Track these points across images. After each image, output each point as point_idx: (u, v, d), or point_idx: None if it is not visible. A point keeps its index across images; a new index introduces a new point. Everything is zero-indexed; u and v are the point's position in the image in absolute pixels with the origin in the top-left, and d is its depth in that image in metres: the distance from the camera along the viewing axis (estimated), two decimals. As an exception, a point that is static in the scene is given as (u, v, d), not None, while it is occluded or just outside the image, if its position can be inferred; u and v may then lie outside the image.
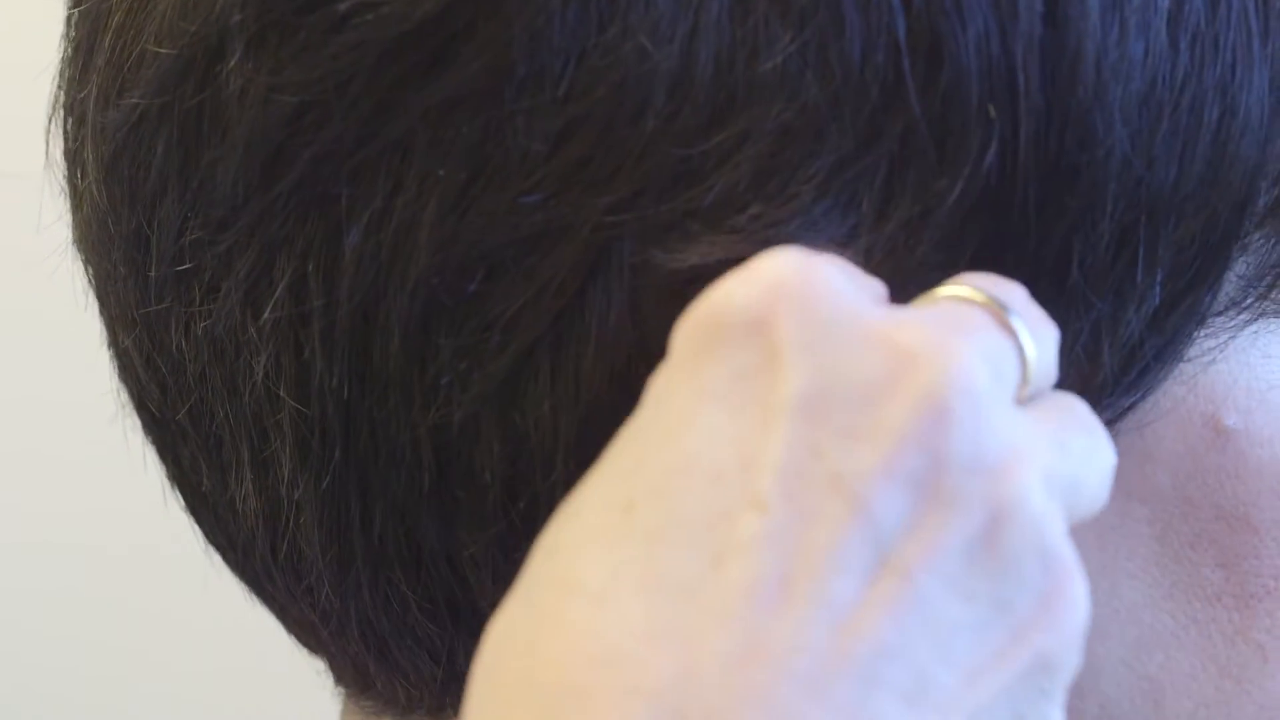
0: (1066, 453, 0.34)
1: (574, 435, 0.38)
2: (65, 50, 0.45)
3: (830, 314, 0.33)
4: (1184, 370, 0.39)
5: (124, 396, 0.45)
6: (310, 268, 0.38)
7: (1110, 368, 0.38)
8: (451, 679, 0.42)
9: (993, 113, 0.36)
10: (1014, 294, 0.35)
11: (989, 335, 0.34)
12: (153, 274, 0.41)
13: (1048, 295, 0.37)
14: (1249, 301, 0.39)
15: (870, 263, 0.37)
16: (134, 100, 0.40)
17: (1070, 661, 0.34)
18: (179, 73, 0.39)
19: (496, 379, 0.38)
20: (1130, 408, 0.39)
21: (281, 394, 0.40)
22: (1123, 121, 0.36)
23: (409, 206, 0.37)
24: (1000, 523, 0.32)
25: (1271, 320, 0.40)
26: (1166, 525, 0.40)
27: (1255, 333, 0.40)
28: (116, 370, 0.45)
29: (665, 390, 0.33)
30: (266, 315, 0.39)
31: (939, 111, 0.36)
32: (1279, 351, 0.40)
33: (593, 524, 0.32)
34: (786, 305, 0.32)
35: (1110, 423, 0.38)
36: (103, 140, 0.41)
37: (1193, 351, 0.39)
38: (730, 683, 0.30)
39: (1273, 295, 0.40)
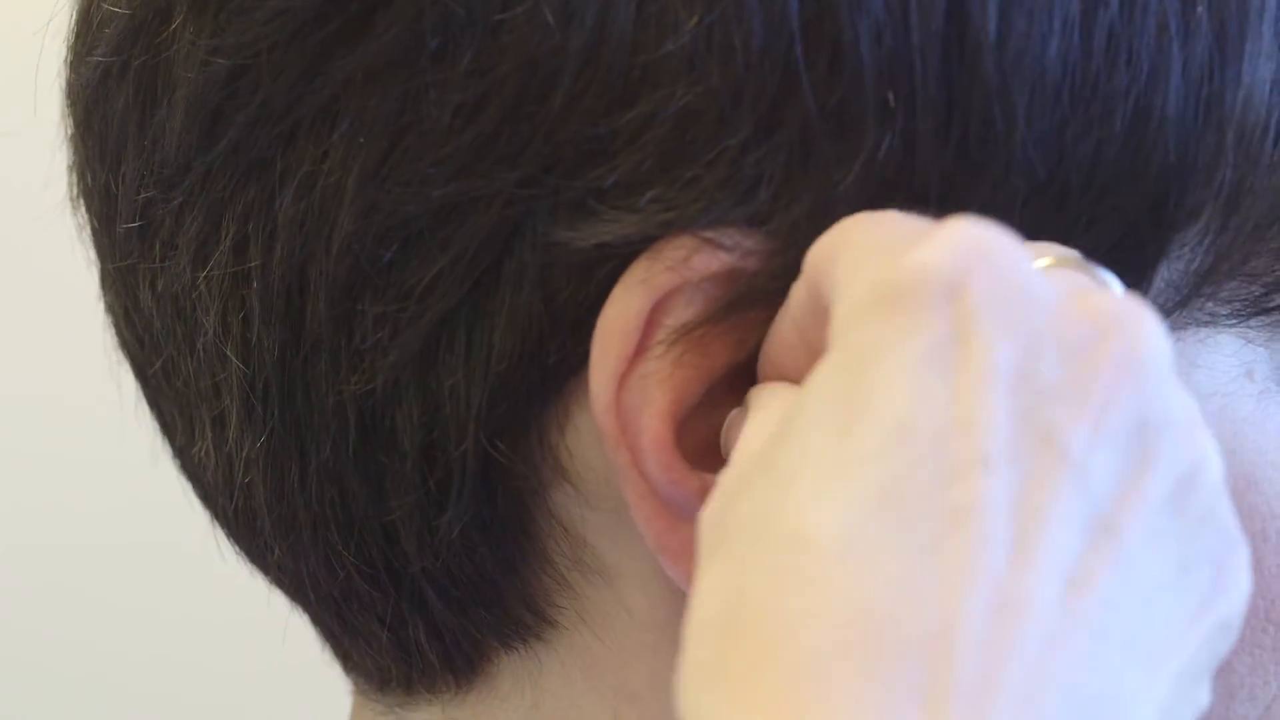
0: None
1: (483, 405, 0.38)
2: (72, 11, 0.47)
3: (1022, 280, 0.33)
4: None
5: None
6: (250, 228, 0.39)
7: None
8: (406, 647, 0.43)
9: (891, 104, 0.36)
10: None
11: None
12: (120, 230, 0.43)
13: None
14: (1174, 309, 0.39)
15: (773, 251, 0.37)
16: (97, 58, 0.42)
17: (1238, 627, 0.34)
18: (132, 32, 0.41)
19: (414, 347, 0.39)
20: None
21: (228, 352, 0.41)
22: (1028, 117, 0.36)
23: (334, 173, 0.38)
24: (1190, 482, 0.33)
25: (1202, 328, 0.39)
26: None
27: (1181, 342, 0.39)
28: (110, 326, 0.46)
29: (860, 352, 0.33)
30: (212, 273, 0.40)
31: (837, 102, 0.36)
32: (1205, 362, 0.39)
33: (814, 489, 0.32)
34: (981, 272, 0.32)
35: None
36: (77, 97, 0.43)
37: None
38: (992, 636, 0.30)
39: (1202, 304, 0.39)
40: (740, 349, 0.38)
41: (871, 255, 0.33)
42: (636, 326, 0.37)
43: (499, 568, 0.41)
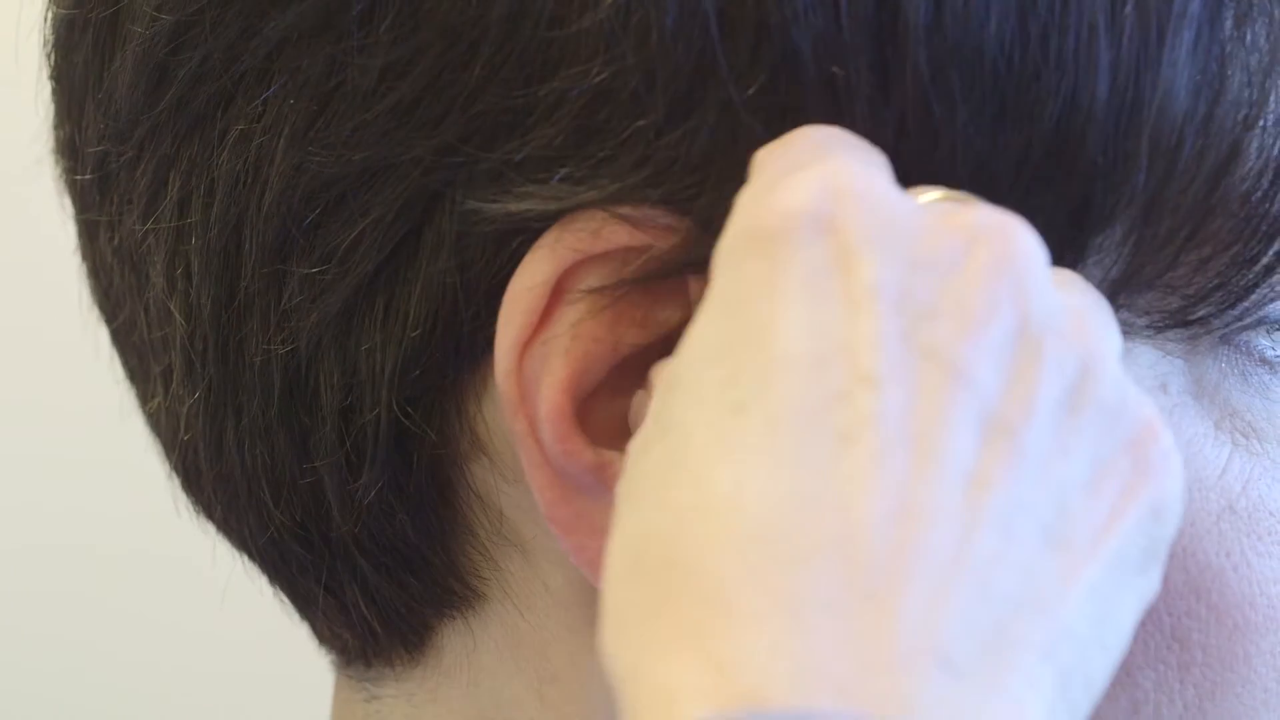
0: None
1: (396, 371, 0.39)
2: None
3: (891, 207, 0.33)
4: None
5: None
6: (193, 184, 0.40)
7: None
8: (344, 614, 0.43)
9: (819, 95, 0.36)
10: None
11: None
12: (81, 181, 0.44)
13: None
14: None
15: (692, 231, 0.37)
16: (63, 11, 0.43)
17: (1176, 510, 0.34)
18: None
19: (334, 309, 0.39)
20: None
21: (171, 307, 0.41)
22: (963, 106, 0.36)
23: (267, 133, 0.39)
24: (1087, 376, 0.33)
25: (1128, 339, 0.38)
26: None
27: None
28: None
29: (736, 294, 0.33)
30: (159, 228, 0.41)
31: (762, 87, 0.36)
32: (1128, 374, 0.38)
33: (707, 432, 0.32)
34: (851, 203, 0.33)
35: None
36: (48, 53, 0.44)
37: None
38: (896, 542, 0.31)
39: (1118, 313, 0.37)
40: (653, 330, 0.38)
41: (744, 199, 0.34)
42: (541, 294, 0.37)
43: (421, 536, 0.41)
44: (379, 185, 0.38)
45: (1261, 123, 0.37)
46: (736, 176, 0.35)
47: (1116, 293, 0.38)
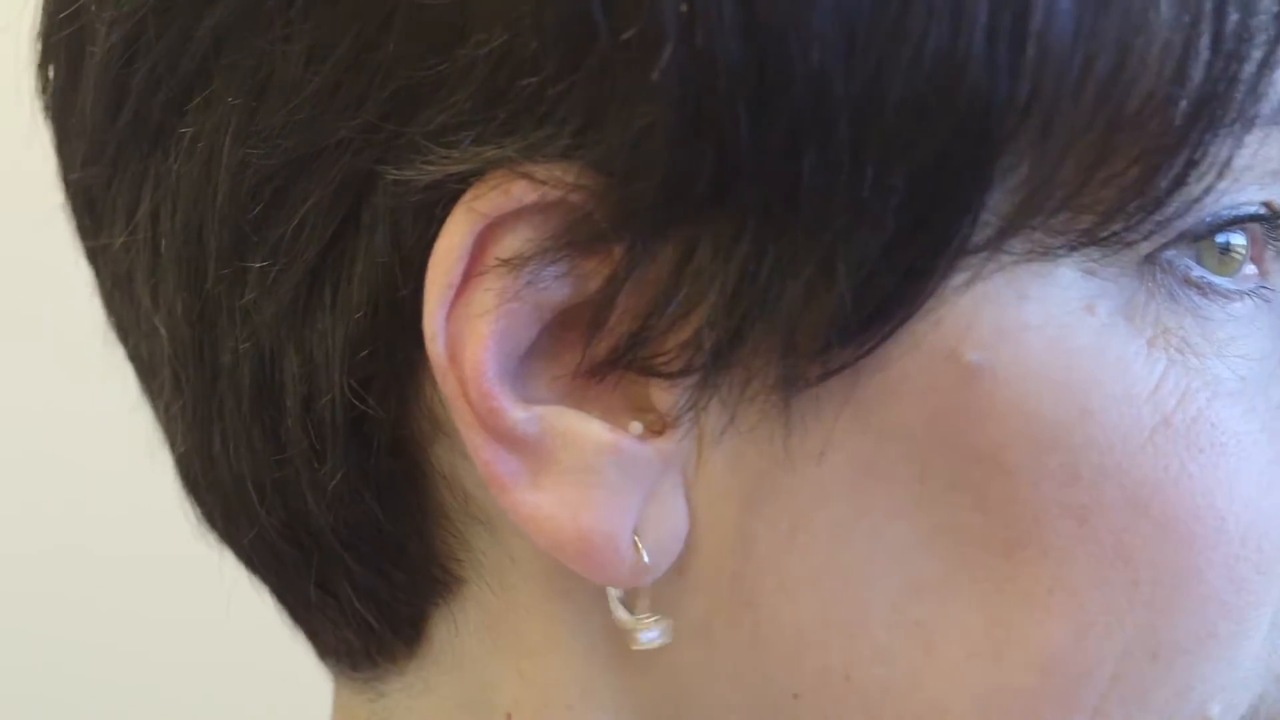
0: None
1: (343, 354, 0.39)
2: None
3: None
4: (927, 307, 0.37)
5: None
6: (159, 196, 0.41)
7: (849, 296, 0.36)
8: (343, 613, 0.43)
9: (678, 34, 0.35)
10: None
11: None
12: (74, 211, 0.45)
13: (786, 216, 0.36)
14: (999, 240, 0.37)
15: (600, 186, 0.37)
16: (39, 41, 0.44)
17: None
18: (55, 11, 0.43)
19: (286, 300, 0.39)
20: (875, 342, 0.37)
21: (156, 322, 0.42)
22: (823, 41, 0.35)
23: (214, 133, 0.39)
24: None
25: (1036, 261, 0.37)
26: (924, 466, 0.38)
27: (1011, 274, 0.37)
28: None
29: None
30: (137, 245, 0.42)
31: (632, 36, 0.35)
32: (1042, 293, 0.37)
33: None
34: None
35: (856, 358, 0.37)
36: (39, 89, 0.45)
37: (937, 287, 0.37)
38: None
39: (1031, 235, 0.37)
40: (578, 289, 0.38)
41: None
42: (461, 255, 0.37)
43: (394, 523, 0.42)
44: (312, 171, 0.38)
45: (1150, 27, 0.36)
46: (627, 122, 0.36)
47: (1029, 213, 0.37)
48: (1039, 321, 0.38)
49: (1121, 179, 0.37)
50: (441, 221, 0.38)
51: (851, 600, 0.39)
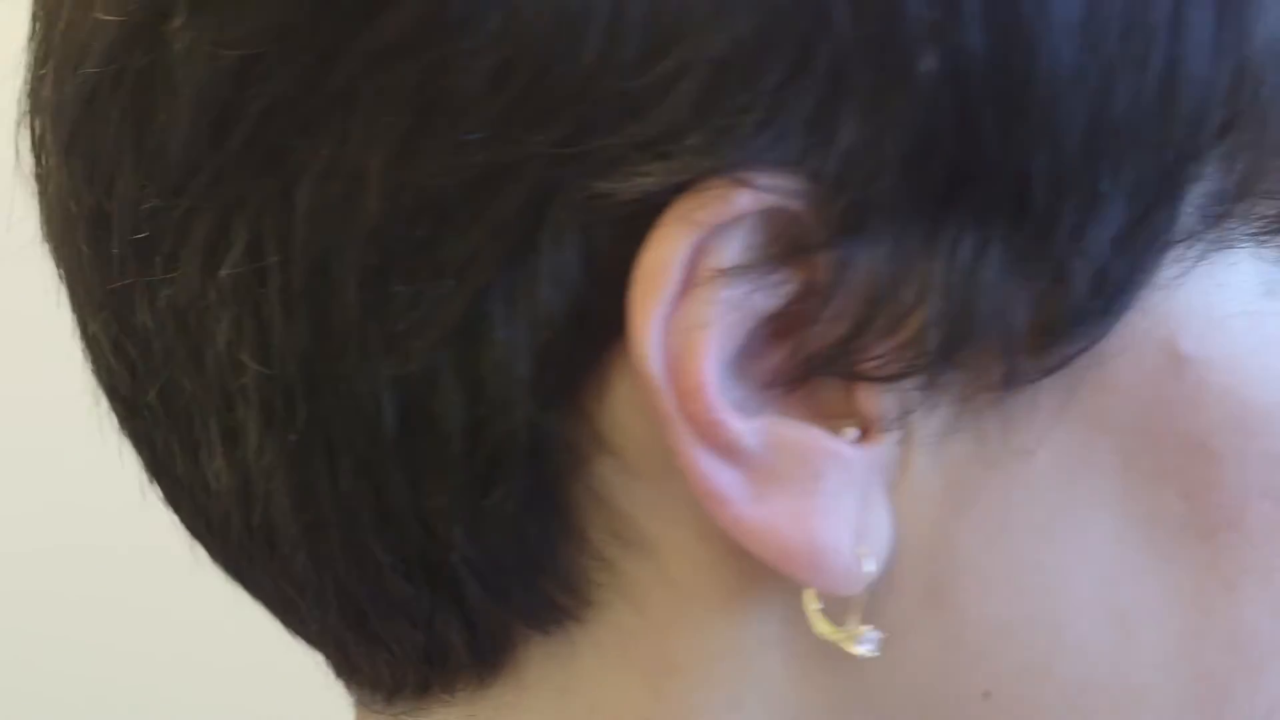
0: None
1: (530, 377, 0.38)
2: (30, 40, 0.45)
3: None
4: (1143, 299, 0.39)
5: (99, 392, 0.45)
6: (265, 225, 0.38)
7: (1080, 291, 0.37)
8: (434, 646, 0.42)
9: (934, 30, 0.36)
10: None
11: None
12: (115, 250, 0.41)
13: (1014, 215, 0.37)
14: (1204, 230, 0.39)
15: (820, 195, 0.36)
16: (87, 71, 0.40)
17: None
18: (127, 38, 0.39)
19: (451, 324, 0.38)
20: (1099, 337, 0.38)
21: (244, 358, 0.39)
22: (1071, 36, 0.36)
23: (357, 156, 0.37)
24: None
25: (1226, 250, 0.39)
26: (1129, 457, 0.39)
27: (1210, 262, 0.39)
28: (89, 363, 0.45)
29: None
30: (224, 277, 0.39)
31: (876, 32, 0.36)
32: (1234, 281, 0.40)
33: None
34: None
35: (1079, 353, 0.38)
36: (60, 119, 0.42)
37: (1154, 279, 0.39)
38: None
39: (1225, 224, 0.39)
40: (789, 294, 0.38)
41: None
42: (678, 267, 0.37)
43: (541, 547, 0.40)
44: (493, 189, 0.37)
45: None
46: (860, 126, 0.36)
47: (1227, 201, 0.39)
48: (1237, 309, 0.40)
49: None
50: (642, 235, 0.37)
51: (1054, 594, 0.40)
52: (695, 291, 0.37)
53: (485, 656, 0.42)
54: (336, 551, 0.41)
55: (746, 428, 0.38)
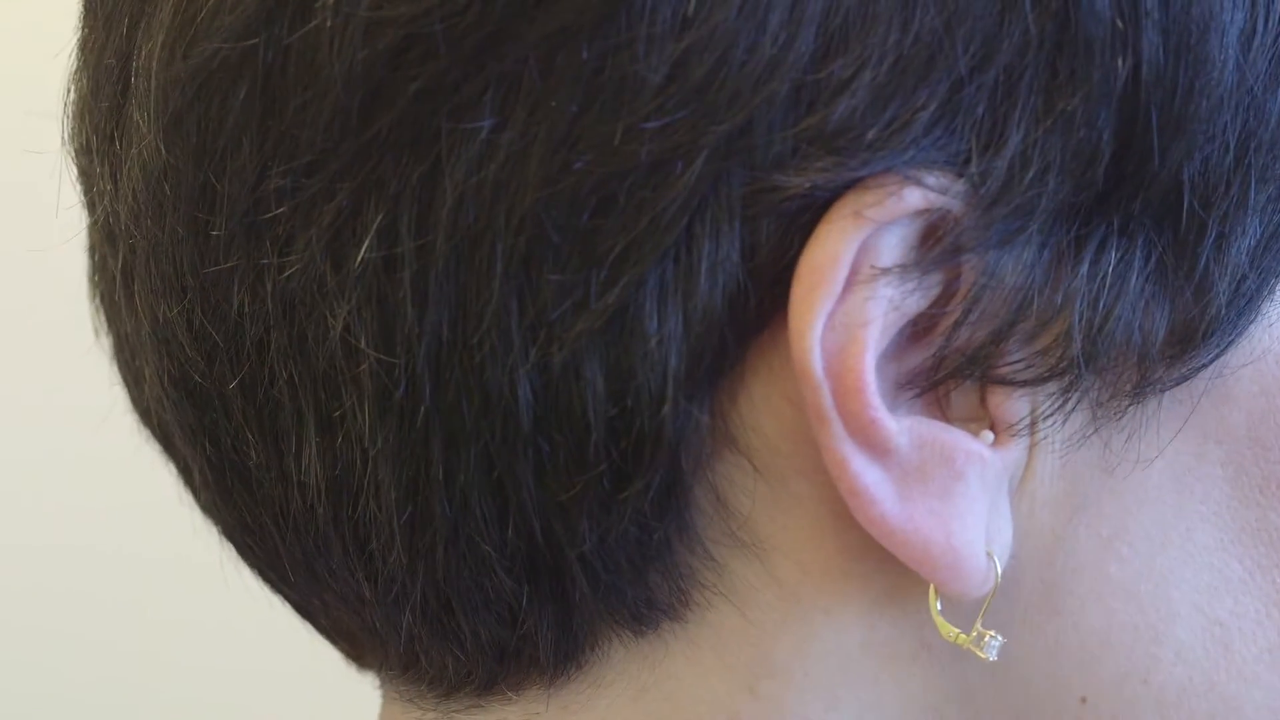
0: None
1: (682, 370, 0.37)
2: (82, 30, 0.44)
3: None
4: (1265, 311, 0.40)
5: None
6: (403, 209, 0.37)
7: (1220, 302, 0.38)
8: (518, 641, 0.42)
9: (1118, 35, 0.36)
10: None
11: None
12: (218, 232, 0.40)
13: (1162, 224, 0.38)
14: None
15: (981, 198, 0.37)
16: (213, 47, 0.39)
17: None
18: (268, 13, 0.38)
19: (603, 315, 0.37)
20: (1229, 347, 0.40)
21: (363, 345, 0.38)
22: (1235, 49, 0.37)
23: (517, 140, 0.37)
24: None
25: None
26: (1239, 468, 0.41)
27: None
28: (153, 355, 0.43)
29: None
30: (353, 263, 0.38)
31: (1058, 34, 0.36)
32: None
33: None
34: None
35: (1210, 362, 0.39)
36: (166, 97, 0.40)
37: (1276, 293, 0.40)
38: None
39: None
40: (937, 294, 0.38)
41: None
42: (845, 263, 0.37)
43: (661, 546, 0.40)
44: (660, 178, 0.37)
45: None
46: (1033, 130, 0.36)
47: None
48: None
49: None
50: (807, 229, 0.37)
51: (1159, 603, 0.41)
52: (858, 288, 0.37)
53: (568, 655, 0.42)
54: (439, 544, 0.40)
55: (899, 427, 0.38)
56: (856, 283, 0.37)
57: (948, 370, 0.38)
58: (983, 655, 0.40)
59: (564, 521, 0.39)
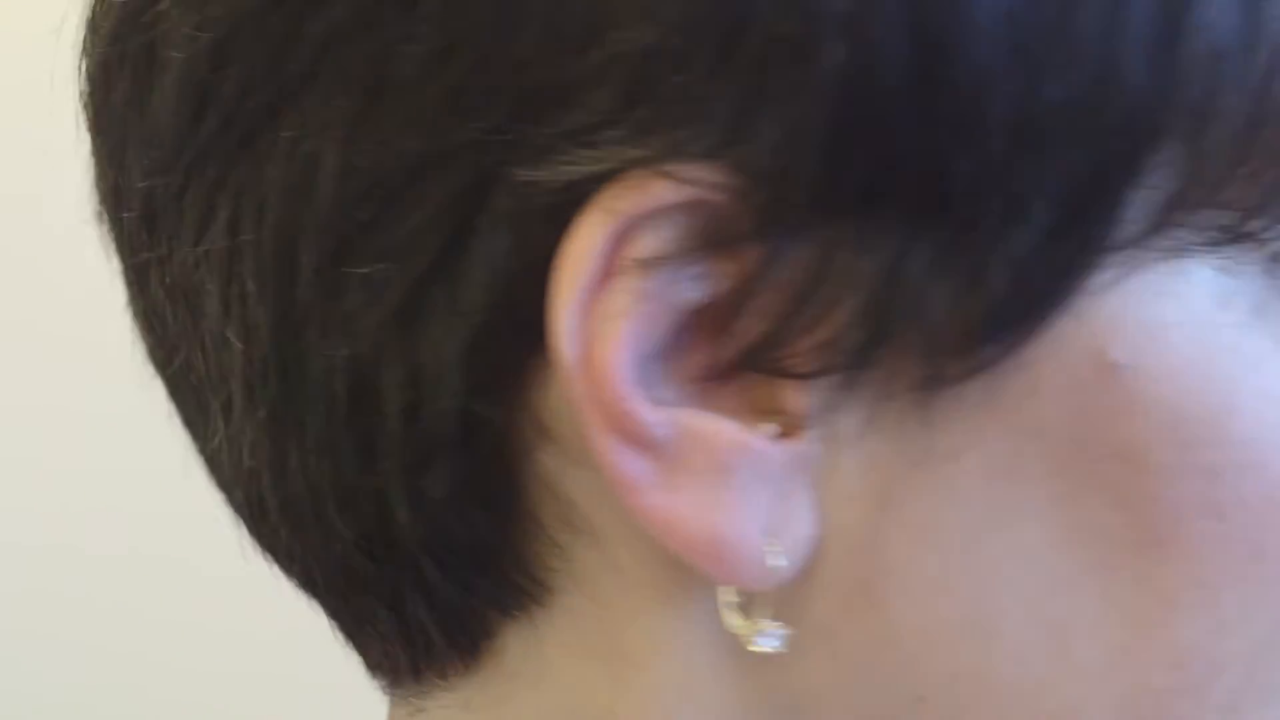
0: None
1: (461, 361, 0.38)
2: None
3: None
4: (1072, 305, 0.38)
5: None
6: (242, 204, 0.40)
7: (997, 293, 0.37)
8: (409, 628, 0.43)
9: (844, 24, 0.35)
10: None
11: None
12: (129, 228, 0.43)
13: (935, 214, 0.36)
14: (1147, 238, 0.38)
15: (742, 188, 0.36)
16: (100, 52, 0.42)
17: None
18: (128, 18, 0.41)
19: (394, 306, 0.38)
20: (1021, 341, 0.38)
21: (229, 334, 0.41)
22: (987, 39, 0.35)
23: (315, 138, 0.38)
24: None
25: (1175, 259, 0.38)
26: (1061, 464, 0.38)
27: (1153, 271, 0.38)
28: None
29: None
30: (210, 254, 0.41)
31: (792, 25, 0.35)
32: (1181, 290, 0.38)
33: None
34: None
35: (1001, 357, 0.38)
36: (86, 99, 0.44)
37: (1083, 285, 0.37)
38: None
39: (1174, 234, 0.38)
40: (711, 288, 0.38)
41: None
42: (596, 256, 0.37)
43: (489, 532, 0.41)
44: (430, 174, 0.38)
45: None
46: (779, 121, 0.36)
47: (1173, 210, 0.38)
48: (1179, 319, 0.38)
49: (1263, 177, 0.38)
50: (568, 223, 0.37)
51: (986, 601, 0.39)
52: (613, 281, 0.37)
53: (462, 641, 0.43)
54: (309, 525, 0.42)
55: (656, 418, 0.38)
56: (612, 275, 0.37)
57: (734, 364, 0.38)
58: (754, 647, 0.39)
59: (390, 506, 0.40)
